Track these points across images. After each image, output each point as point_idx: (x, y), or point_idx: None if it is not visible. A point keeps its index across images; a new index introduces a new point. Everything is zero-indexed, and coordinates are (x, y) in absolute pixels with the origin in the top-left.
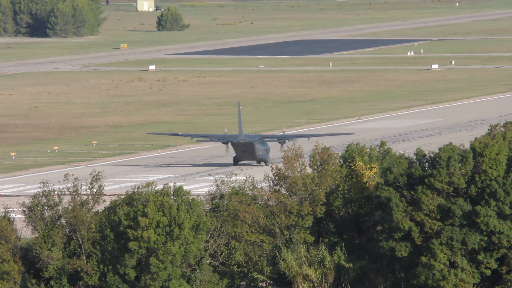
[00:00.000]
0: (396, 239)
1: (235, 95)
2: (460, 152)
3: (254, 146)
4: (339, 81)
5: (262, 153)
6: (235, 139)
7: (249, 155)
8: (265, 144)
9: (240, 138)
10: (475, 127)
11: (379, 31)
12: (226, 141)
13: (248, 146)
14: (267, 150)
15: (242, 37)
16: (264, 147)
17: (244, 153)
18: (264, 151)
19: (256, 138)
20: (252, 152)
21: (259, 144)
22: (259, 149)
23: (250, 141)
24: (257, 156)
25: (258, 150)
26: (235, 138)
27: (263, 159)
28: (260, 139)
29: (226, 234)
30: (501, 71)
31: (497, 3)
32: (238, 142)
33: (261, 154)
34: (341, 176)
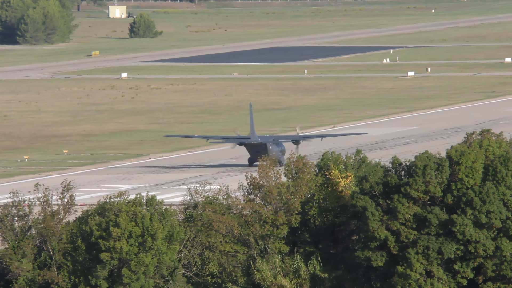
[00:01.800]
0: (372, 248)
1: (209, 103)
2: (436, 160)
3: (266, 147)
4: (315, 89)
5: (277, 154)
6: (248, 140)
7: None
8: (280, 145)
9: (252, 139)
10: (451, 135)
11: (355, 38)
12: (239, 143)
13: (261, 147)
14: (283, 151)
15: (216, 44)
16: (279, 148)
17: (257, 153)
18: (279, 152)
19: (270, 139)
20: (265, 153)
21: (273, 145)
22: (273, 149)
23: (262, 142)
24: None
25: (272, 151)
26: (248, 139)
27: (277, 160)
28: (274, 140)
29: (200, 244)
30: (477, 79)
31: (474, 9)
32: (250, 143)
33: (275, 155)
34: (317, 185)
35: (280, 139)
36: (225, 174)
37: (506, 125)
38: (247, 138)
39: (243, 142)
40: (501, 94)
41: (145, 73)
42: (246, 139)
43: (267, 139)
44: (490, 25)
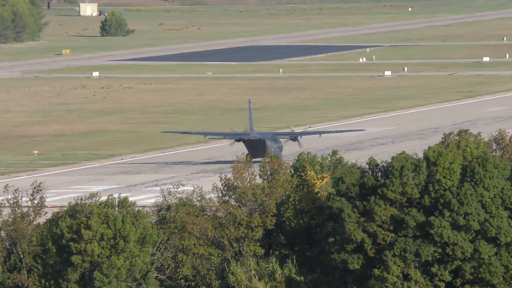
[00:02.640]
0: (349, 251)
1: (183, 103)
2: (413, 161)
3: (265, 143)
4: (290, 88)
5: (274, 150)
6: (246, 137)
7: (260, 152)
8: (278, 141)
9: (251, 135)
10: (429, 136)
11: (331, 37)
12: (238, 139)
13: (259, 143)
14: (280, 147)
15: (190, 43)
16: (277, 144)
17: (255, 150)
18: (277, 149)
19: (268, 135)
20: (264, 149)
21: (271, 142)
22: (271, 146)
23: (261, 138)
24: (268, 153)
25: (270, 147)
26: (246, 135)
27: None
28: (272, 137)
29: (173, 247)
30: (454, 78)
31: (451, 8)
32: (249, 140)
33: (273, 151)
34: (292, 186)
35: (278, 135)
36: (199, 175)
37: (484, 126)
38: (246, 135)
39: (241, 138)
40: (479, 94)
41: (117, 72)
42: (244, 135)
43: (265, 136)
44: (467, 23)
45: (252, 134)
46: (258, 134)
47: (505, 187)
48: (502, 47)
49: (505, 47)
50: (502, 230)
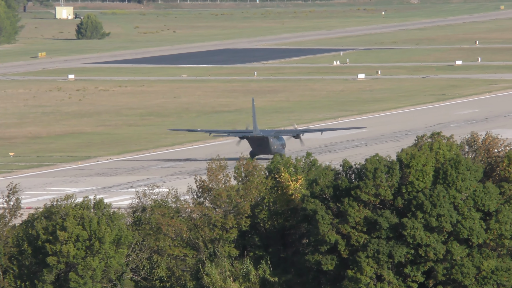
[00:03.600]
0: (322, 252)
1: (158, 105)
2: (386, 163)
3: (268, 141)
4: (264, 91)
5: (277, 147)
6: (250, 134)
7: (264, 149)
8: (281, 138)
9: (254, 133)
10: (402, 138)
11: (305, 40)
12: (242, 136)
13: (263, 140)
14: (283, 145)
15: (165, 46)
16: (280, 141)
17: (259, 147)
18: (280, 146)
19: (271, 133)
20: (267, 146)
21: (274, 139)
22: (274, 143)
23: (264, 135)
24: (272, 150)
25: (273, 144)
26: (250, 133)
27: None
28: (275, 134)
29: (148, 248)
30: (427, 81)
31: (424, 12)
32: (252, 137)
33: (276, 148)
34: (267, 188)
35: (281, 133)
36: (174, 177)
37: (456, 128)
38: (250, 132)
39: (245, 135)
40: (451, 97)
41: (93, 75)
42: (248, 132)
43: (268, 133)
44: (440, 27)
45: (255, 131)
46: (261, 132)
47: (477, 189)
48: (474, 51)
49: (478, 50)
50: (474, 232)
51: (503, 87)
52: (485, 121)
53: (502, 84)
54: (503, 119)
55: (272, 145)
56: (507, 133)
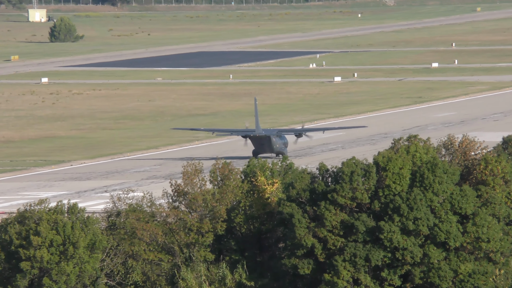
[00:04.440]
0: (299, 256)
1: (132, 109)
2: (363, 166)
3: (270, 140)
4: (240, 94)
5: (280, 146)
6: (253, 133)
7: (266, 148)
8: (283, 137)
9: (257, 132)
10: (378, 141)
11: (281, 43)
12: (245, 135)
13: (265, 139)
14: (285, 143)
15: (139, 49)
16: (282, 140)
17: (261, 146)
18: (282, 145)
19: (273, 132)
20: (269, 145)
21: (276, 138)
22: (276, 142)
23: (267, 134)
24: (274, 149)
25: (275, 143)
26: (252, 132)
27: (280, 152)
28: (278, 133)
29: (123, 252)
30: (404, 84)
31: (400, 14)
32: (255, 136)
33: (279, 147)
34: (243, 192)
35: (284, 132)
36: (148, 181)
37: (433, 131)
38: (252, 131)
39: (248, 134)
40: (428, 99)
41: (66, 78)
42: (251, 132)
43: (271, 132)
44: (416, 29)
45: (258, 130)
46: (264, 131)
47: (454, 192)
48: (450, 53)
49: (454, 53)
50: (451, 235)
51: (480, 90)
52: (461, 124)
53: (478, 87)
54: (480, 122)
55: (274, 144)
56: (483, 136)
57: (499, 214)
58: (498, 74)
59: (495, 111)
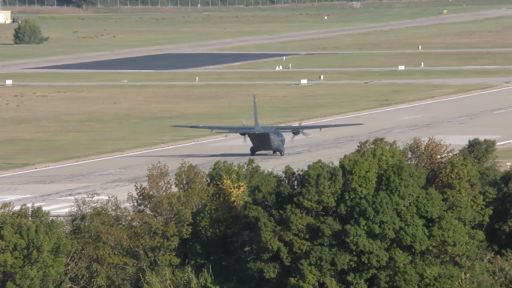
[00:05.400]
0: (265, 259)
1: (98, 111)
2: (329, 170)
3: (269, 137)
4: (206, 97)
5: (277, 143)
6: (251, 131)
7: (264, 145)
8: (280, 135)
9: (256, 129)
10: (345, 144)
11: (247, 45)
12: (244, 132)
13: (264, 136)
14: (283, 141)
15: (105, 51)
16: (280, 138)
17: (260, 143)
18: (279, 142)
19: (271, 129)
20: (268, 142)
21: (274, 135)
22: (274, 139)
23: (265, 132)
24: (272, 146)
25: (273, 140)
26: (251, 129)
27: (278, 149)
28: (276, 130)
29: (88, 256)
30: (370, 87)
31: (367, 16)
32: (254, 133)
33: (276, 144)
34: (208, 195)
35: (281, 129)
36: (113, 185)
37: (399, 134)
38: (251, 129)
39: (247, 132)
40: (394, 102)
41: (31, 80)
42: (250, 129)
43: (269, 130)
44: (383, 32)
45: (257, 128)
46: (262, 128)
47: (420, 196)
48: (417, 56)
49: (420, 55)
50: (417, 239)
51: (446, 93)
52: (428, 127)
53: (445, 90)
54: (446, 124)
55: (272, 141)
56: (450, 139)
57: (464, 218)
58: (465, 77)
59: (461, 114)
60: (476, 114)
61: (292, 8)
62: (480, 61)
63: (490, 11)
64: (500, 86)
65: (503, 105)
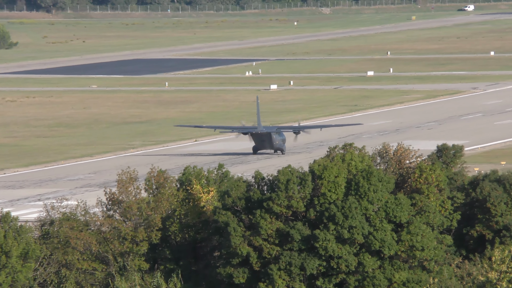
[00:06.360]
0: (234, 265)
1: (67, 116)
2: (299, 175)
3: (271, 136)
4: (176, 102)
5: (279, 142)
6: (254, 130)
7: (267, 145)
8: (282, 134)
9: (258, 129)
10: (314, 149)
11: (217, 50)
12: (246, 132)
13: (266, 136)
14: (284, 140)
15: (74, 56)
16: (281, 137)
17: (262, 142)
18: (281, 141)
19: (273, 129)
20: (270, 142)
21: (276, 135)
22: (276, 139)
23: (268, 131)
24: (274, 145)
25: (275, 140)
26: (254, 129)
27: (279, 148)
28: (277, 130)
29: (57, 262)
30: (340, 92)
31: (336, 22)
32: (256, 133)
33: (278, 143)
34: (178, 200)
35: (282, 129)
36: (83, 190)
37: (368, 139)
38: (254, 128)
39: (250, 131)
40: (363, 107)
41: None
42: (252, 129)
43: (271, 129)
44: (352, 38)
45: (259, 128)
46: (264, 128)
47: (389, 201)
48: (386, 61)
49: (389, 61)
50: (386, 243)
51: (415, 98)
52: (396, 132)
53: (413, 95)
54: (414, 130)
55: (274, 140)
56: (418, 144)
57: (433, 223)
58: (433, 82)
59: (430, 120)
60: (445, 120)
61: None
62: (448, 67)
63: (458, 17)
64: (468, 92)
65: (471, 110)
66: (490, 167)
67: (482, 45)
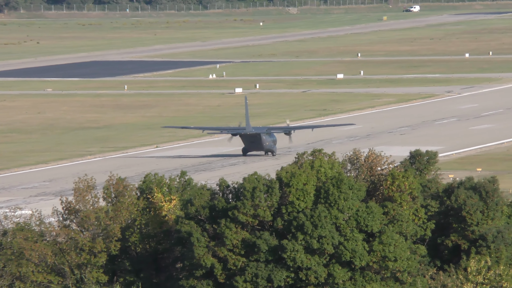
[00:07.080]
0: (198, 276)
1: (20, 121)
2: (265, 182)
3: (261, 137)
4: (136, 106)
5: (269, 144)
6: (243, 131)
7: (256, 146)
8: (272, 135)
9: (247, 130)
10: (282, 156)
11: (179, 52)
12: (235, 133)
13: (255, 137)
14: (274, 141)
15: (28, 58)
16: (271, 138)
17: (252, 144)
18: (271, 142)
19: (263, 130)
20: (259, 143)
21: (266, 136)
22: (266, 140)
23: (257, 132)
24: (264, 146)
25: (265, 141)
26: (243, 130)
27: (270, 150)
28: (267, 131)
29: (10, 274)
30: (308, 95)
31: (304, 23)
32: (245, 134)
33: (268, 145)
34: (138, 209)
35: (272, 130)
36: (37, 199)
37: (338, 145)
38: (243, 129)
39: (238, 132)
40: (332, 112)
41: None
42: (241, 130)
43: (260, 130)
44: (321, 39)
45: (248, 128)
46: (253, 129)
47: (360, 209)
48: (356, 64)
49: (360, 63)
50: (357, 254)
51: (387, 102)
52: (368, 138)
53: (385, 99)
54: (386, 135)
55: (264, 142)
56: (390, 150)
57: (406, 232)
58: (405, 86)
59: (403, 125)
60: (418, 125)
61: (226, 13)
62: (421, 70)
63: (431, 17)
64: (442, 95)
65: (445, 115)
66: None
67: (456, 46)
